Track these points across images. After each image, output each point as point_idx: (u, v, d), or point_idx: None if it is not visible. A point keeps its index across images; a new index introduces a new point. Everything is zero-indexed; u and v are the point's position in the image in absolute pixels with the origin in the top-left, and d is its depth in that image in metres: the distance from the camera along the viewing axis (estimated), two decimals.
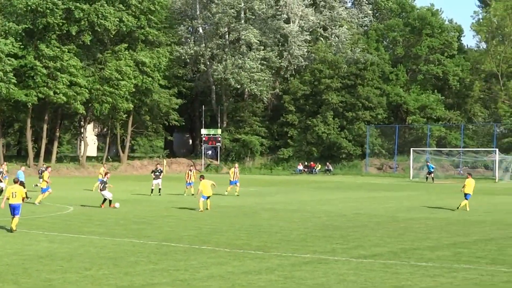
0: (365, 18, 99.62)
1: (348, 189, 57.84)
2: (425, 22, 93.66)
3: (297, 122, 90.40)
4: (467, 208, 37.19)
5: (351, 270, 18.60)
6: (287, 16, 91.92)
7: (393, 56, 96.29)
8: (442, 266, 19.22)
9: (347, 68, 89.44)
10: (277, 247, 22.84)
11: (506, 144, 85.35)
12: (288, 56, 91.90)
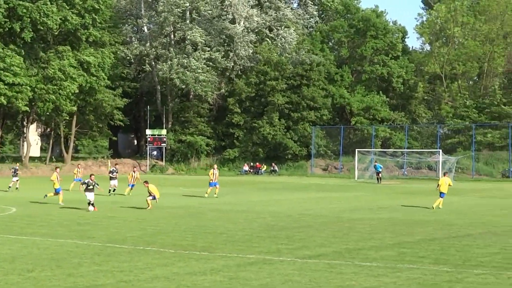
0: (311, 19, 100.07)
1: (294, 189, 58.01)
2: (370, 23, 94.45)
3: (242, 123, 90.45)
4: (440, 206, 38.34)
5: (296, 270, 18.63)
6: (233, 16, 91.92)
7: (338, 57, 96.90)
8: (386, 266, 19.36)
9: (292, 69, 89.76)
10: (222, 247, 22.79)
11: (450, 145, 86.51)
12: (234, 57, 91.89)
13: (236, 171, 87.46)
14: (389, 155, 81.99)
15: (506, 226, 30.08)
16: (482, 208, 39.65)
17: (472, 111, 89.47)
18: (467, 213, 36.62)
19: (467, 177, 77.35)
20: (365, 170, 78.57)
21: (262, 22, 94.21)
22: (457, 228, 28.85)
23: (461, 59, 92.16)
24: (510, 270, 18.88)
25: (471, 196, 51.17)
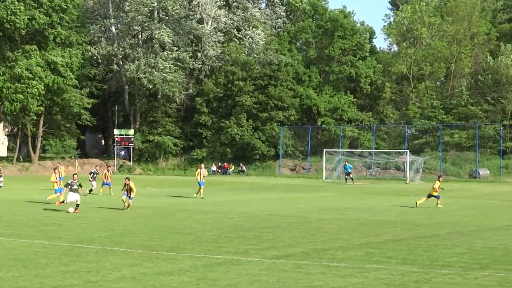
0: (279, 19, 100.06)
1: (262, 190, 58.02)
2: (338, 24, 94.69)
3: (210, 123, 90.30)
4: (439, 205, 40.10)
5: (263, 270, 18.59)
6: (201, 16, 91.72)
7: (306, 57, 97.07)
8: (353, 266, 19.39)
9: (260, 70, 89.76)
10: (190, 248, 22.71)
11: (417, 146, 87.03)
12: (202, 57, 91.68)
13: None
14: (356, 156, 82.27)
15: (473, 226, 30.28)
16: (450, 208, 39.90)
17: (439, 111, 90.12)
18: (434, 213, 36.82)
19: (434, 178, 77.51)
20: (333, 171, 78.79)
21: (230, 22, 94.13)
22: (424, 229, 28.97)
23: (428, 59, 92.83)
24: (477, 270, 18.99)
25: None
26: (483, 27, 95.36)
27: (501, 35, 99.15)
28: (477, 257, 21.21)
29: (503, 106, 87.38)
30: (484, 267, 19.50)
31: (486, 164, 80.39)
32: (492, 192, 56.38)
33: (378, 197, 50.06)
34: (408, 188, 63.17)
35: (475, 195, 53.44)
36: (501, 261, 20.63)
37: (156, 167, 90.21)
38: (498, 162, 79.64)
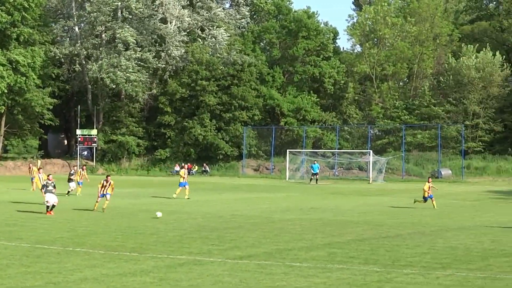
0: (243, 19, 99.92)
1: (225, 190, 57.97)
2: (301, 24, 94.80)
3: (174, 123, 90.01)
4: (435, 205, 40.01)
5: (226, 271, 18.57)
6: (164, 16, 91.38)
7: (269, 57, 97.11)
8: (316, 266, 19.43)
9: (224, 69, 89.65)
10: (152, 248, 22.62)
11: (380, 146, 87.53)
12: (166, 57, 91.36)
13: (167, 171, 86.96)
14: (320, 156, 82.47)
15: (435, 226, 30.50)
16: (412, 208, 40.14)
17: (402, 112, 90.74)
18: (397, 213, 37.04)
19: (397, 178, 78.32)
20: (296, 171, 78.94)
21: (194, 22, 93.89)
22: (387, 228, 29.14)
23: (391, 60, 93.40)
24: (438, 269, 19.13)
25: (401, 196, 51.77)
26: (446, 28, 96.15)
27: (463, 36, 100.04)
28: (438, 257, 21.37)
29: (465, 107, 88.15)
30: (446, 266, 19.65)
31: (448, 164, 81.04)
32: (454, 192, 56.84)
33: (341, 197, 50.25)
34: (371, 188, 63.51)
35: (437, 195, 53.69)
36: (462, 260, 20.80)
37: (119, 167, 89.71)
38: (460, 162, 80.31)
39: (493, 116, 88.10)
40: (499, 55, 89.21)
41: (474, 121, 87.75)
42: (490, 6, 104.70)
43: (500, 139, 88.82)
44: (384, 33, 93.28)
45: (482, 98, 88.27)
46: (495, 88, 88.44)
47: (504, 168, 79.36)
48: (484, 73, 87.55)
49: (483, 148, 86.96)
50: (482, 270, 19.10)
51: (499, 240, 25.67)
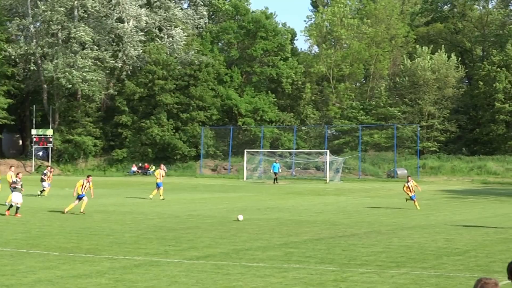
0: (201, 19, 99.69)
1: (182, 190, 57.91)
2: (260, 25, 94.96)
3: (131, 123, 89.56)
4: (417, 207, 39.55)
5: (183, 271, 18.54)
6: (121, 15, 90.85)
7: (228, 58, 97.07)
8: (273, 266, 19.48)
9: (181, 69, 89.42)
10: (108, 249, 22.50)
11: (337, 146, 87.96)
12: (123, 57, 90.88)
13: (124, 171, 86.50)
14: (277, 156, 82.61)
15: (391, 225, 30.77)
16: (368, 207, 40.44)
17: (359, 112, 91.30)
18: (353, 212, 37.28)
19: (353, 177, 78.77)
20: (254, 171, 79.00)
21: (151, 22, 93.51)
22: (343, 228, 29.32)
23: (347, 61, 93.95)
24: (393, 268, 19.30)
25: (358, 196, 52.15)
26: (402, 29, 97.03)
27: (419, 38, 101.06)
28: (393, 256, 21.56)
29: (420, 107, 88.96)
30: (400, 265, 19.84)
31: (403, 164, 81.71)
32: None
33: (298, 197, 50.42)
34: (328, 188, 63.83)
35: (393, 194, 54.25)
36: (416, 259, 21.02)
37: (75, 168, 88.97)
38: (415, 162, 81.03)
39: (448, 116, 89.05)
40: (454, 57, 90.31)
41: (429, 121, 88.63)
42: (444, 9, 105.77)
43: (454, 139, 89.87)
44: (340, 34, 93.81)
45: (437, 99, 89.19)
46: (450, 89, 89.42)
47: (458, 167, 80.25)
48: (439, 74, 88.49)
49: (438, 148, 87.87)
50: (436, 269, 19.32)
51: (452, 239, 25.98)
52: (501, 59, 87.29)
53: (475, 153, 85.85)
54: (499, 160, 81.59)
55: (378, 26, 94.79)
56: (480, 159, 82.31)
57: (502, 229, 29.29)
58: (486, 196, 52.71)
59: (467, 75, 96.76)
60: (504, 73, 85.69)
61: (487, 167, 79.08)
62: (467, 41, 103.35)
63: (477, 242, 25.12)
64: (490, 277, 7.09)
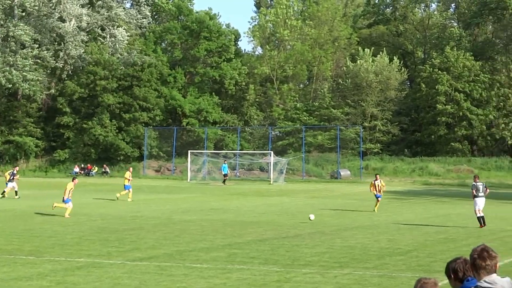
0: (144, 19, 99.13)
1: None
2: (203, 25, 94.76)
3: (73, 123, 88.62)
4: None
5: (125, 273, 18.42)
6: (63, 14, 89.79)
7: (171, 58, 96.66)
8: (216, 267, 19.46)
9: (124, 70, 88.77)
10: (50, 251, 22.24)
11: (281, 147, 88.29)
12: (65, 56, 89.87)
13: (66, 172, 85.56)
14: (222, 157, 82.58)
15: (334, 226, 30.96)
16: (312, 208, 40.58)
17: (302, 113, 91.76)
18: (297, 213, 37.40)
19: (297, 178, 79.07)
20: (198, 172, 78.82)
21: (93, 21, 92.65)
22: (287, 229, 29.41)
23: (291, 62, 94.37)
24: (336, 268, 19.42)
25: (301, 196, 52.36)
26: (344, 31, 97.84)
27: (361, 40, 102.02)
28: (336, 256, 21.70)
29: (363, 109, 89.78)
30: (343, 265, 19.98)
31: (347, 165, 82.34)
32: (352, 192, 57.82)
33: (242, 198, 50.44)
34: (271, 189, 63.96)
35: (336, 195, 54.65)
36: (359, 259, 21.19)
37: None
38: (358, 163, 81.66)
39: (390, 118, 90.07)
40: (397, 59, 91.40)
41: (372, 123, 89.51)
42: (386, 11, 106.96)
43: (396, 141, 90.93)
44: (284, 35, 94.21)
45: (379, 101, 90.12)
46: (392, 92, 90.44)
47: (400, 168, 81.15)
48: (381, 76, 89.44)
49: (380, 150, 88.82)
50: (379, 269, 19.49)
51: (395, 239, 26.25)
52: (442, 61, 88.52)
53: (417, 155, 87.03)
54: (440, 162, 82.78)
55: (321, 28, 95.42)
56: (421, 161, 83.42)
57: (443, 230, 29.69)
58: (427, 197, 53.38)
59: (409, 77, 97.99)
60: (446, 76, 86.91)
61: (428, 168, 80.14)
62: (409, 44, 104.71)
63: (419, 242, 25.43)
64: (429, 277, 7.16)
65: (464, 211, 38.65)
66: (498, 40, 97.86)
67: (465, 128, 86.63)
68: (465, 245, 23.99)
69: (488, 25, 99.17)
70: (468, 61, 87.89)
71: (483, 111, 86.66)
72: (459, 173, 78.47)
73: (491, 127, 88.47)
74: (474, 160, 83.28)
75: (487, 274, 6.96)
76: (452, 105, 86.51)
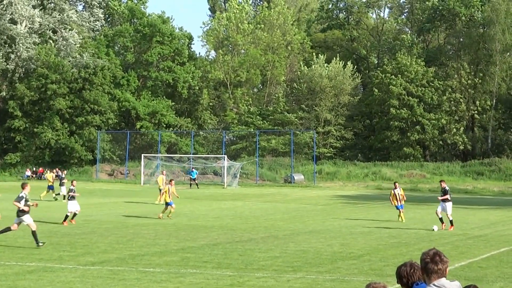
0: (96, 22, 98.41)
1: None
2: (156, 29, 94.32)
3: (24, 127, 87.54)
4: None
5: (77, 277, 18.26)
6: (14, 16, 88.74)
7: (124, 61, 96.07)
8: (169, 271, 19.39)
9: (75, 72, 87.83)
10: (0, 255, 21.95)
11: (234, 151, 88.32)
12: (16, 59, 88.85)
13: (18, 176, 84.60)
14: (175, 161, 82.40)
15: (287, 230, 31.03)
16: (265, 212, 40.68)
17: (256, 117, 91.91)
18: (250, 217, 37.43)
19: (251, 183, 79.15)
20: (151, 176, 78.50)
21: (45, 24, 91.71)
22: (240, 233, 29.41)
23: (244, 66, 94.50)
24: (289, 272, 19.46)
25: (255, 201, 52.41)
26: (297, 36, 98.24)
27: (315, 45, 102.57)
28: (290, 260, 21.75)
29: (317, 114, 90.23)
30: (297, 269, 20.03)
31: (300, 170, 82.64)
32: (306, 197, 58.02)
33: (196, 202, 50.35)
34: (225, 193, 63.93)
35: (289, 199, 54.79)
36: (312, 263, 21.25)
37: None
38: (312, 168, 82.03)
39: (344, 123, 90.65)
40: (350, 64, 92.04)
41: (326, 128, 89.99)
42: (340, 16, 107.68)
43: (350, 145, 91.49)
44: (237, 39, 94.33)
45: (333, 106, 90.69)
46: (346, 97, 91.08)
47: (353, 173, 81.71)
48: (335, 81, 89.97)
49: (334, 154, 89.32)
50: (331, 273, 19.58)
51: (347, 243, 26.40)
52: (394, 66, 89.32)
53: (370, 160, 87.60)
54: (393, 166, 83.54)
55: (273, 32, 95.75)
56: (375, 165, 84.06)
57: (396, 234, 29.94)
58: (380, 201, 53.71)
59: (362, 82, 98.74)
60: (399, 80, 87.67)
61: (381, 173, 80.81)
62: (363, 49, 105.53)
63: (371, 246, 25.60)
64: (379, 281, 7.22)
65: (416, 215, 39.03)
66: (450, 46, 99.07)
67: (417, 133, 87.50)
68: (417, 249, 24.21)
69: (441, 31, 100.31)
70: (420, 67, 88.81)
71: (435, 116, 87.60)
72: (412, 177, 79.27)
73: (443, 132, 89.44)
74: (427, 165, 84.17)
75: (437, 278, 7.03)
76: (405, 110, 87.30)
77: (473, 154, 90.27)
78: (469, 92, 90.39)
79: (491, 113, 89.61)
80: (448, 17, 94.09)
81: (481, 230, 32.30)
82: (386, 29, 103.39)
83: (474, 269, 20.51)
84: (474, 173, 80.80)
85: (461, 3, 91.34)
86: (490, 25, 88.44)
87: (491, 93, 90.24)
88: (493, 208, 47.57)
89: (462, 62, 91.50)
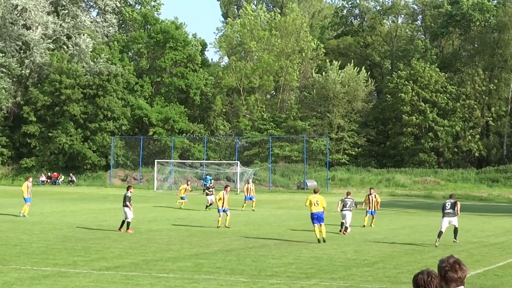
0: (110, 28, 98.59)
1: (92, 200, 57.11)
2: (169, 35, 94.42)
3: (38, 132, 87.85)
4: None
5: (92, 282, 18.30)
6: (28, 22, 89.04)
7: (138, 67, 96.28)
8: (183, 277, 19.40)
9: (89, 78, 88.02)
10: (16, 260, 22.03)
11: (247, 157, 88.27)
12: (30, 64, 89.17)
13: (33, 181, 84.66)
14: (188, 166, 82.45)
15: (300, 236, 31.00)
16: (278, 219, 40.67)
17: (269, 124, 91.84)
18: (263, 224, 37.44)
19: (264, 189, 79.04)
20: (164, 181, 78.57)
21: (59, 30, 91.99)
22: (253, 239, 29.41)
23: (257, 73, 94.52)
24: (303, 279, 19.44)
25: (268, 207, 52.38)
26: (311, 42, 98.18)
27: (329, 51, 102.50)
28: (303, 267, 21.72)
29: (330, 120, 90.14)
30: (310, 276, 20.00)
31: (313, 176, 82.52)
32: None
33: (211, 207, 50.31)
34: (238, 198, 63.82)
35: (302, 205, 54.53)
36: (325, 270, 21.22)
37: None
38: (325, 174, 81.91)
39: (357, 130, 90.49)
40: (364, 70, 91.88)
41: (339, 134, 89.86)
42: (354, 23, 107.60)
43: (363, 152, 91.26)
44: (250, 46, 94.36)
45: (346, 112, 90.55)
46: (359, 103, 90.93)
47: (367, 179, 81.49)
48: (349, 88, 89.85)
49: (347, 161, 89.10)
50: (345, 280, 19.55)
51: (361, 250, 26.35)
52: (408, 73, 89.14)
53: (383, 166, 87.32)
54: (406, 173, 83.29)
55: (287, 39, 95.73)
56: (388, 172, 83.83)
57: (410, 241, 29.86)
58: (394, 208, 53.65)
59: (376, 88, 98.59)
60: (411, 86, 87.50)
61: (395, 179, 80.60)
62: (377, 55, 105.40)
63: (385, 253, 25.54)
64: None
65: (431, 222, 38.93)
66: (464, 52, 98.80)
67: (431, 140, 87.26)
68: (431, 257, 24.15)
69: (455, 37, 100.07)
70: (434, 73, 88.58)
71: (448, 122, 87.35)
72: (426, 184, 79.07)
73: (458, 138, 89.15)
74: (441, 172, 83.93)
75: (456, 286, 6.99)
76: (417, 116, 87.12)
77: (488, 161, 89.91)
78: (484, 98, 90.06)
79: (507, 119, 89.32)
80: (463, 22, 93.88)
81: (497, 238, 32.20)
82: (399, 35, 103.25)
83: (490, 277, 20.46)
84: (489, 180, 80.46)
85: (475, 8, 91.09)
86: (504, 30, 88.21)
87: (506, 99, 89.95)
88: (508, 216, 47.42)
89: (477, 68, 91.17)
